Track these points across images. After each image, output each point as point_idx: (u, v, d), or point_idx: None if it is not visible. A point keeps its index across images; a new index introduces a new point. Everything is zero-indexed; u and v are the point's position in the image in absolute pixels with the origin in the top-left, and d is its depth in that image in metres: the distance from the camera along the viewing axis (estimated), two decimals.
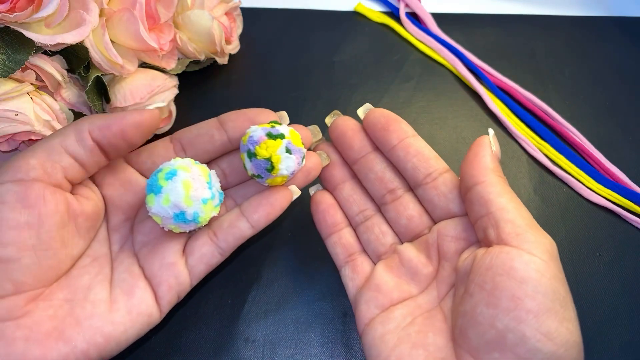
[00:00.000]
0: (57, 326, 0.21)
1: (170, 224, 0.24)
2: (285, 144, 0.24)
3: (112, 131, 0.23)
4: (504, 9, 0.47)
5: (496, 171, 0.23)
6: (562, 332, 0.19)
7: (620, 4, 0.48)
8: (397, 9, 0.46)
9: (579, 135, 0.39)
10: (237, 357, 0.29)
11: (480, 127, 0.39)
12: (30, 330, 0.21)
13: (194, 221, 0.24)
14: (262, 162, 0.24)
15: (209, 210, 0.24)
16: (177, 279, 0.24)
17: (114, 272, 0.24)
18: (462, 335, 0.21)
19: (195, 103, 0.39)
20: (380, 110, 0.27)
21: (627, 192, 0.35)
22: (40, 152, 0.22)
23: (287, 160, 0.24)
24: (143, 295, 0.24)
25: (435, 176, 0.25)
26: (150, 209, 0.23)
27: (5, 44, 0.27)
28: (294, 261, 0.32)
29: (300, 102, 0.40)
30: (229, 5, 0.38)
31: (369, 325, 0.24)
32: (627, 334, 0.31)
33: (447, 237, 0.25)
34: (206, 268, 0.25)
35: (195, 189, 0.23)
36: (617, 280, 0.33)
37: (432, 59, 0.43)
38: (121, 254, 0.25)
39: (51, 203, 0.22)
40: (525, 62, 0.43)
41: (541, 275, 0.20)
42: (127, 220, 0.26)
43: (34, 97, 0.28)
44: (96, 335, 0.22)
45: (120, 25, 0.31)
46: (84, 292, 0.23)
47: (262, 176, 0.25)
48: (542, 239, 0.21)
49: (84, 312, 0.22)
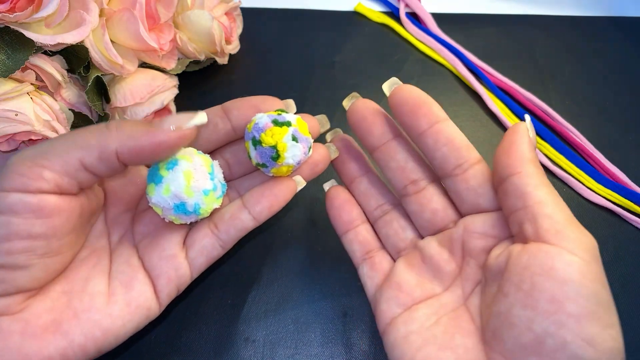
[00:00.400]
0: (55, 319, 0.21)
1: (170, 215, 0.23)
2: (292, 131, 0.23)
3: (145, 153, 0.21)
4: (504, 9, 0.47)
5: (534, 161, 0.21)
6: (605, 338, 0.18)
7: (620, 4, 0.48)
8: (397, 9, 0.46)
9: (579, 135, 0.39)
10: (237, 357, 0.29)
11: (480, 127, 0.39)
12: (26, 324, 0.20)
13: (194, 212, 0.23)
14: (267, 150, 0.23)
15: (211, 201, 0.23)
16: (177, 271, 0.24)
17: (113, 264, 0.24)
18: (495, 337, 0.20)
19: (195, 103, 0.39)
20: (409, 88, 0.24)
21: (627, 192, 0.35)
22: (57, 165, 0.20)
23: (294, 148, 0.23)
24: (142, 288, 0.23)
25: (465, 167, 0.23)
26: (151, 199, 0.23)
27: (5, 44, 0.27)
28: (294, 261, 0.32)
29: (300, 102, 0.40)
30: (229, 5, 0.38)
31: (391, 324, 0.23)
32: (627, 334, 0.31)
33: (475, 234, 0.23)
34: (207, 261, 0.25)
35: (197, 180, 0.22)
36: (617, 280, 0.33)
37: (432, 59, 0.43)
38: (120, 245, 0.24)
39: (65, 213, 0.21)
40: (525, 62, 0.43)
41: (583, 276, 0.18)
42: (128, 211, 0.25)
43: (34, 97, 0.28)
44: (94, 328, 0.21)
45: (120, 25, 0.31)
46: (82, 284, 0.22)
47: (267, 165, 0.24)
48: (583, 237, 0.19)
49: (82, 305, 0.22)
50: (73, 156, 0.20)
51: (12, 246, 0.19)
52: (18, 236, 0.19)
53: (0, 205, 0.19)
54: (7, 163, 0.20)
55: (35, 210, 0.20)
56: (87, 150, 0.20)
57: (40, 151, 0.20)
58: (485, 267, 0.23)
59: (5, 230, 0.19)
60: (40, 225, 0.20)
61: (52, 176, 0.20)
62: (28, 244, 0.20)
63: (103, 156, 0.21)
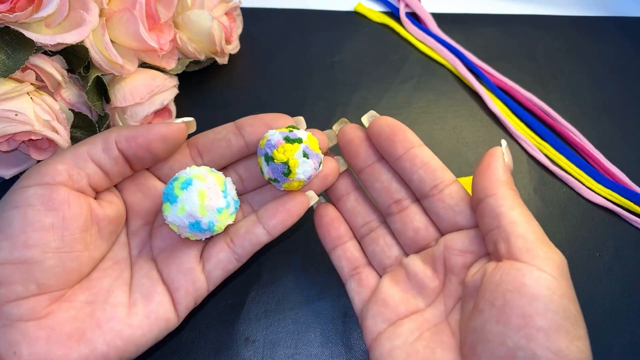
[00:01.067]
0: (79, 327, 0.22)
1: (186, 233, 0.24)
2: (303, 148, 0.24)
3: (138, 142, 0.24)
4: (504, 9, 0.47)
5: (508, 184, 0.23)
6: (573, 350, 0.19)
7: (620, 4, 0.48)
8: (397, 9, 0.46)
9: (579, 135, 0.39)
10: (237, 357, 0.29)
11: (480, 127, 0.39)
12: (52, 331, 0.21)
13: (209, 230, 0.24)
14: (279, 166, 0.24)
15: (224, 218, 0.24)
16: (195, 284, 0.24)
17: (134, 277, 0.25)
18: (471, 351, 0.21)
19: (195, 103, 0.39)
20: (385, 119, 0.26)
21: (627, 192, 0.35)
22: (68, 158, 0.23)
23: (305, 164, 0.24)
24: (161, 300, 0.24)
25: (441, 188, 0.25)
26: (167, 217, 0.24)
27: (5, 44, 0.27)
28: (294, 261, 0.32)
29: (300, 102, 0.40)
30: (229, 5, 0.38)
31: (377, 340, 0.24)
32: (627, 334, 0.31)
33: (454, 251, 0.24)
34: (223, 274, 0.25)
35: (210, 199, 0.23)
36: (617, 280, 0.33)
37: (432, 59, 0.43)
38: (140, 258, 0.25)
39: (75, 207, 0.22)
40: (525, 62, 0.43)
41: (552, 292, 0.20)
42: (146, 225, 0.26)
43: (34, 97, 0.28)
44: (116, 338, 0.22)
45: (120, 25, 0.31)
46: (104, 295, 0.23)
47: (279, 180, 0.25)
48: (552, 254, 0.21)
49: (104, 315, 0.22)
50: (80, 150, 0.23)
51: (27, 238, 0.21)
52: (32, 227, 0.21)
53: (18, 200, 0.21)
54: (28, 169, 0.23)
55: (47, 201, 0.21)
56: (92, 144, 0.23)
57: (55, 155, 0.23)
58: (463, 284, 0.24)
59: (21, 223, 0.21)
60: (52, 216, 0.21)
61: (64, 167, 0.22)
62: (41, 235, 0.21)
63: (106, 146, 0.23)
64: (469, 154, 0.38)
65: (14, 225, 0.21)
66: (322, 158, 0.26)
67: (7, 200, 0.22)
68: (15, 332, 0.21)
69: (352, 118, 0.39)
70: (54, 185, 0.22)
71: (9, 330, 0.21)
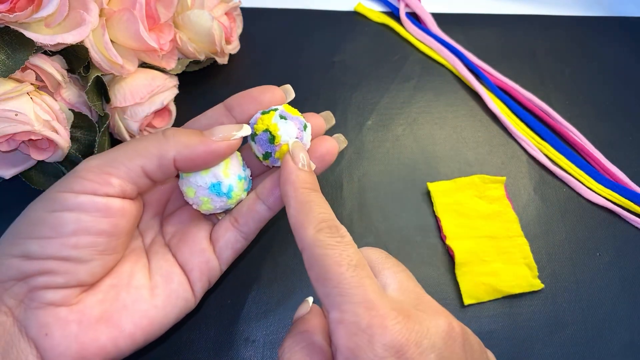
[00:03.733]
0: (106, 310, 0.22)
1: (203, 195, 0.25)
2: (279, 112, 0.25)
3: (196, 163, 0.24)
4: (504, 9, 0.47)
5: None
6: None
7: (620, 4, 0.48)
8: (397, 9, 0.46)
9: (579, 135, 0.39)
10: (237, 357, 0.29)
11: (480, 127, 0.39)
12: (82, 314, 0.22)
13: (226, 195, 0.25)
14: (262, 136, 0.25)
15: (241, 188, 0.25)
16: (208, 264, 0.25)
17: (151, 261, 0.25)
18: None
19: (195, 103, 0.39)
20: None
21: (627, 192, 0.35)
22: (123, 173, 0.22)
23: (285, 125, 0.25)
24: (180, 281, 0.25)
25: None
26: (188, 179, 0.25)
27: (5, 44, 0.27)
28: (294, 261, 0.32)
29: (300, 102, 0.40)
30: (229, 5, 0.38)
31: None
32: (627, 334, 0.31)
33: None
34: (233, 253, 0.26)
35: (233, 165, 0.25)
36: (617, 280, 0.33)
37: (432, 59, 0.43)
38: (154, 245, 0.26)
39: (127, 214, 0.23)
40: (525, 62, 0.43)
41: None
42: (157, 215, 0.27)
43: (34, 97, 0.28)
44: (142, 318, 0.23)
45: (120, 25, 0.31)
46: (127, 278, 0.24)
47: (269, 152, 0.25)
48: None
49: (130, 297, 0.23)
50: (136, 164, 0.23)
51: (78, 240, 0.21)
52: (85, 232, 0.21)
53: (70, 204, 0.21)
54: (75, 169, 0.22)
55: (103, 210, 0.22)
56: (148, 159, 0.23)
57: (106, 160, 0.23)
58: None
59: (74, 226, 0.21)
60: (106, 223, 0.22)
61: (118, 182, 0.22)
62: (92, 239, 0.22)
63: (162, 163, 0.23)
64: (469, 154, 0.38)
65: (66, 227, 0.21)
66: (304, 122, 0.26)
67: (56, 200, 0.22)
68: (47, 314, 0.21)
69: (352, 118, 0.39)
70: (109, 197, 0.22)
71: (40, 313, 0.21)
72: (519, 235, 0.34)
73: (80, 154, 0.31)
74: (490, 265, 0.32)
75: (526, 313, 0.31)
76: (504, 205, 0.35)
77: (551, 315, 0.31)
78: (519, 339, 0.30)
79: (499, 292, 0.32)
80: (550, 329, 0.31)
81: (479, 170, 0.37)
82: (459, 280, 0.32)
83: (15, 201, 0.34)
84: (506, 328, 0.31)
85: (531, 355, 0.30)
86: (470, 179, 0.35)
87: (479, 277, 0.32)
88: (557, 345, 0.30)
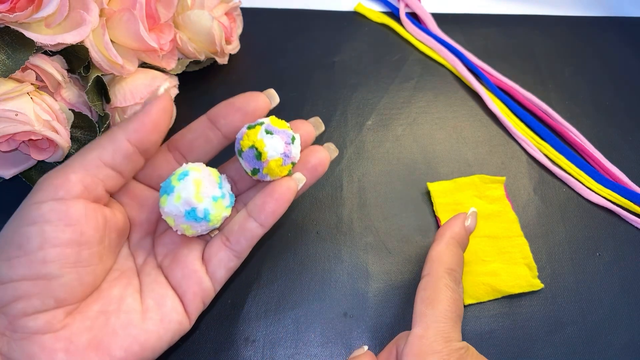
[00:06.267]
0: (95, 336, 0.22)
1: (182, 224, 0.24)
2: (264, 127, 0.24)
3: (147, 128, 0.23)
4: (504, 9, 0.47)
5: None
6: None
7: (620, 4, 0.48)
8: (397, 9, 0.46)
9: (579, 135, 0.39)
10: (237, 357, 0.29)
11: (480, 127, 0.39)
12: (69, 342, 0.21)
13: (204, 219, 0.24)
14: (248, 152, 0.24)
15: (220, 209, 0.24)
16: (201, 285, 0.25)
17: (143, 284, 0.25)
18: None
19: (195, 103, 0.39)
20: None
21: (627, 192, 0.35)
22: (79, 167, 0.22)
23: (271, 141, 0.24)
24: (173, 304, 0.24)
25: None
26: (163, 209, 0.24)
27: (5, 44, 0.27)
28: (294, 261, 0.32)
29: (300, 102, 0.40)
30: (229, 5, 0.38)
31: None
32: (627, 334, 0.31)
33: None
34: (226, 273, 0.25)
35: (205, 187, 0.24)
36: (617, 280, 0.33)
37: (432, 59, 0.43)
38: (146, 266, 0.26)
39: (92, 220, 0.22)
40: (525, 62, 0.43)
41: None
42: (148, 235, 0.27)
43: (34, 97, 0.28)
44: (133, 344, 0.22)
45: (120, 25, 0.31)
46: (117, 303, 0.23)
47: (257, 168, 0.25)
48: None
49: (119, 322, 0.23)
50: (91, 156, 0.22)
51: (46, 254, 0.20)
52: (50, 243, 0.21)
53: (34, 216, 0.21)
54: (38, 181, 0.22)
55: (65, 217, 0.21)
56: (102, 148, 0.23)
57: (64, 164, 0.22)
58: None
59: (39, 239, 0.20)
60: (70, 232, 0.21)
61: (77, 177, 0.22)
62: (59, 251, 0.21)
63: (116, 148, 0.23)
64: (469, 154, 0.38)
65: (31, 242, 0.20)
66: (292, 135, 0.25)
67: (22, 216, 0.21)
68: (33, 344, 0.20)
69: (352, 118, 0.39)
70: (70, 199, 0.21)
71: (26, 344, 0.20)
72: (518, 235, 0.34)
73: None
74: (490, 265, 0.32)
75: (526, 313, 0.31)
76: (503, 205, 0.35)
77: (551, 315, 0.31)
78: (519, 339, 0.31)
79: (498, 292, 0.32)
80: (550, 329, 0.31)
81: (479, 170, 0.37)
82: None
83: (15, 201, 0.34)
84: (506, 328, 0.31)
85: (531, 355, 0.30)
86: (470, 179, 0.36)
87: (478, 277, 0.32)
88: (557, 345, 0.30)
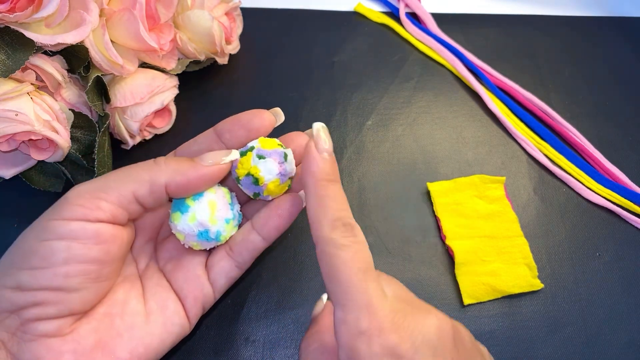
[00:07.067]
0: (101, 339, 0.22)
1: (192, 241, 0.25)
2: (255, 152, 0.25)
3: (190, 186, 0.23)
4: (504, 9, 0.47)
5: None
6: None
7: (620, 4, 0.48)
8: (397, 9, 0.46)
9: (579, 135, 0.39)
10: (237, 357, 0.29)
11: (480, 127, 0.39)
12: (77, 344, 0.22)
13: (216, 239, 0.25)
14: (246, 180, 0.25)
15: (230, 229, 0.25)
16: (202, 290, 0.25)
17: (145, 287, 0.25)
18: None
19: (195, 103, 0.39)
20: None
21: (627, 192, 0.35)
22: (113, 197, 0.22)
23: (264, 165, 0.24)
24: (175, 307, 0.25)
25: None
26: (176, 226, 0.24)
27: (5, 44, 0.27)
28: (294, 261, 0.32)
29: (300, 102, 0.40)
30: (229, 5, 0.38)
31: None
32: (627, 334, 0.31)
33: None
34: (227, 281, 0.26)
35: (219, 210, 0.24)
36: (617, 280, 0.33)
37: (432, 59, 0.43)
38: (148, 270, 0.26)
39: (118, 241, 0.23)
40: (525, 62, 0.43)
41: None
42: (150, 240, 0.27)
43: (34, 97, 0.28)
44: (138, 346, 0.23)
45: (120, 25, 0.31)
46: (121, 306, 0.24)
47: (258, 192, 0.25)
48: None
49: (124, 324, 0.23)
50: (127, 189, 0.22)
51: (70, 269, 0.21)
52: (76, 260, 0.21)
53: (61, 232, 0.21)
54: (65, 196, 0.22)
55: (94, 237, 0.21)
56: (139, 184, 0.23)
57: (97, 185, 0.22)
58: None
59: (65, 255, 0.21)
60: (97, 250, 0.22)
61: (108, 207, 0.22)
62: (84, 267, 0.21)
63: (153, 189, 0.23)
64: (469, 154, 0.38)
65: (56, 256, 0.21)
66: (284, 152, 0.25)
67: (46, 228, 0.21)
68: (40, 346, 0.21)
69: (352, 118, 0.39)
70: (100, 222, 0.22)
71: (33, 345, 0.21)
72: (518, 235, 0.34)
73: (80, 154, 0.31)
74: (490, 265, 0.32)
75: (526, 313, 0.31)
76: (503, 205, 0.35)
77: (551, 315, 0.31)
78: (519, 339, 0.31)
79: (498, 292, 0.32)
80: (549, 329, 0.31)
81: (479, 170, 0.37)
82: (458, 280, 0.32)
83: (15, 201, 0.34)
84: (506, 328, 0.31)
85: (531, 355, 0.30)
86: (470, 179, 0.36)
87: (478, 277, 0.32)
88: (557, 345, 0.30)
